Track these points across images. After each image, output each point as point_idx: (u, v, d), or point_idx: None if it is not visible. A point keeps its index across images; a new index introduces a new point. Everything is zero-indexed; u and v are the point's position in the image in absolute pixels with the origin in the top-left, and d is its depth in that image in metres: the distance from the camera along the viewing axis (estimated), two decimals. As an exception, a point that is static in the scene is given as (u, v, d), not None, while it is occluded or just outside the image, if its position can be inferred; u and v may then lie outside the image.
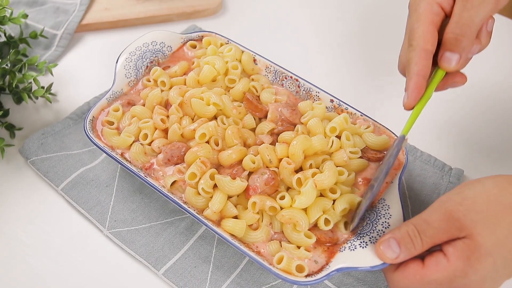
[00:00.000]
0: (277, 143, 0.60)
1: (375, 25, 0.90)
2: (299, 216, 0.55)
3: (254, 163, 0.58)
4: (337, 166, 0.59)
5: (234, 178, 0.57)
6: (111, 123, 0.65)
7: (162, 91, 0.67)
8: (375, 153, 0.62)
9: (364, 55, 0.85)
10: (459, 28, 0.52)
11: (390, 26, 0.90)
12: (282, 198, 0.56)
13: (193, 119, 0.64)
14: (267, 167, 0.59)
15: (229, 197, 0.58)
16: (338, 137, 0.62)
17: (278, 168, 0.59)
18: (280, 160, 0.59)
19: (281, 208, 0.56)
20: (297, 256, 0.54)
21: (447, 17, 0.55)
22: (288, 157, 0.59)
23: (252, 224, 0.57)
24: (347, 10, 0.92)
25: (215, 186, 0.58)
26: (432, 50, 0.53)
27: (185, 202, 0.58)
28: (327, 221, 0.55)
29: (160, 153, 0.61)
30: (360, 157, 0.61)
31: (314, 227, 0.57)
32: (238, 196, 0.58)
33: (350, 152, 0.61)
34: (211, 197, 0.57)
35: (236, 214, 0.57)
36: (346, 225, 0.57)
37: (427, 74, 0.53)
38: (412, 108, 0.55)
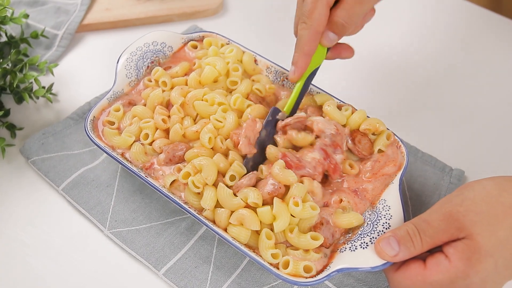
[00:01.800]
0: None
1: (378, 24, 0.89)
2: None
3: None
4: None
5: (236, 192, 0.57)
6: (112, 123, 0.65)
7: (163, 91, 0.67)
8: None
9: (368, 54, 0.85)
10: (348, 18, 0.58)
11: (393, 26, 0.90)
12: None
13: (194, 120, 0.64)
14: None
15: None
16: None
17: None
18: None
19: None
20: (307, 259, 0.54)
21: None
22: None
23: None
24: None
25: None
26: (322, 31, 0.59)
27: (185, 202, 0.58)
28: None
29: (161, 153, 0.61)
30: None
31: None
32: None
33: None
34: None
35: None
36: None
37: (314, 52, 0.60)
38: (297, 81, 0.62)
